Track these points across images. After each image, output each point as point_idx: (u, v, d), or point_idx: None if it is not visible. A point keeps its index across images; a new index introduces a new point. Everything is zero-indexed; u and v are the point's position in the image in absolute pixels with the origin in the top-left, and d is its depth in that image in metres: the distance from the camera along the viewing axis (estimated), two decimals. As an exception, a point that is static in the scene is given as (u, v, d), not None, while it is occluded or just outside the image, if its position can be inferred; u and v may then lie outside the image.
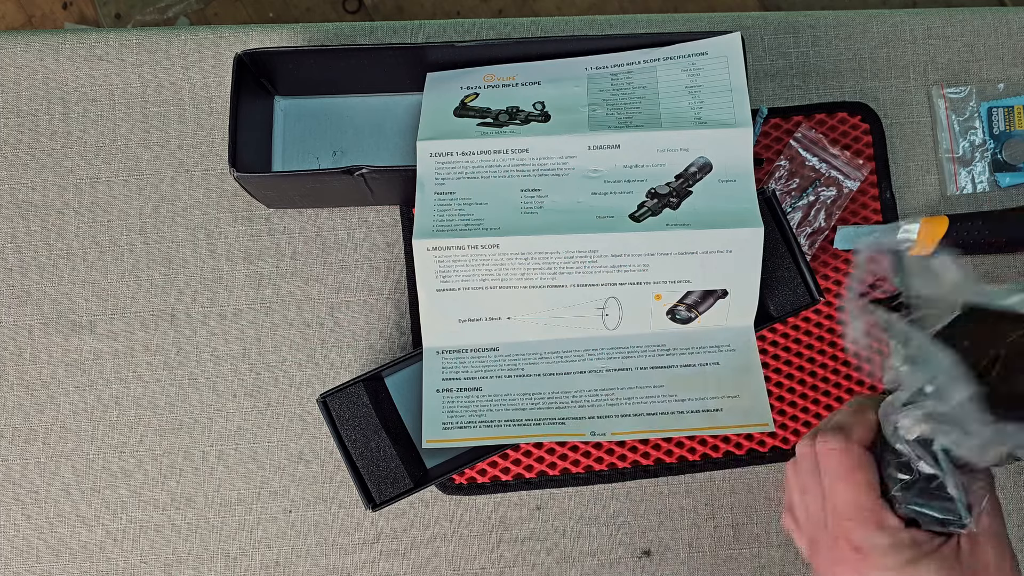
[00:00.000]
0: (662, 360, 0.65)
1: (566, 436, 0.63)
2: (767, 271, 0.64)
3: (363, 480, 0.64)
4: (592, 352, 0.65)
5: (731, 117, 0.64)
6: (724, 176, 0.64)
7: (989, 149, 0.72)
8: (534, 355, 0.65)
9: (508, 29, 0.74)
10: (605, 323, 0.65)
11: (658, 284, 0.63)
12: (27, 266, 0.72)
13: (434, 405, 0.64)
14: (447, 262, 0.63)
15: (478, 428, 0.63)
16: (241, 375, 0.71)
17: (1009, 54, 0.73)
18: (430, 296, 0.64)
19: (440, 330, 0.65)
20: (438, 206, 0.64)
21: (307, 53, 0.67)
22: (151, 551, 0.69)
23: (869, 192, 0.71)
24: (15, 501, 0.70)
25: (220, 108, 0.73)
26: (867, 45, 0.74)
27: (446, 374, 0.65)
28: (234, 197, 0.72)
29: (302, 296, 0.71)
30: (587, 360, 0.65)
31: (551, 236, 0.63)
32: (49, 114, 0.73)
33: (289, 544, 0.69)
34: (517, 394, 0.64)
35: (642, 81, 0.67)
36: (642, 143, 0.65)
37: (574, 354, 0.65)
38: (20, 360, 0.71)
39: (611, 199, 0.64)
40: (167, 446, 0.70)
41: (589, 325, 0.64)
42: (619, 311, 0.64)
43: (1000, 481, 0.69)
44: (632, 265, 0.63)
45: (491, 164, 0.65)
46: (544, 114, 0.66)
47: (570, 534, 0.69)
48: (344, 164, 0.65)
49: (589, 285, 0.63)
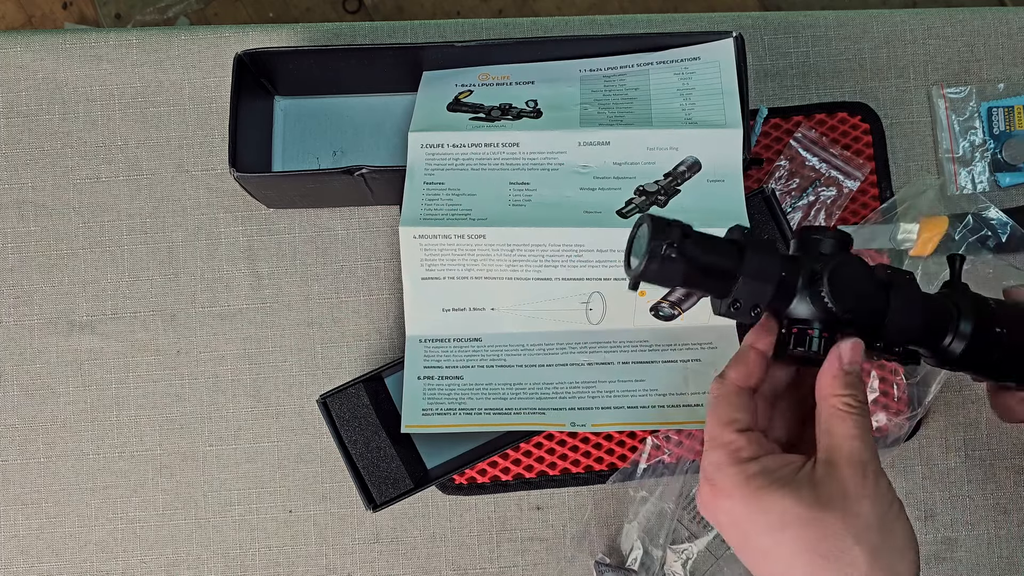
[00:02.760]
0: (644, 356, 0.65)
1: (546, 426, 0.63)
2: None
3: (363, 480, 0.64)
4: (575, 345, 0.65)
5: (722, 118, 0.64)
6: (713, 176, 0.64)
7: (989, 149, 0.72)
8: (517, 346, 0.65)
9: (508, 29, 0.74)
10: (589, 317, 0.65)
11: None
12: (27, 266, 0.72)
13: (414, 391, 0.64)
14: (433, 251, 0.64)
15: (458, 415, 0.64)
16: (241, 375, 0.71)
17: (1009, 54, 0.73)
18: (415, 284, 0.65)
19: (423, 318, 0.65)
20: (426, 195, 0.65)
21: (307, 53, 0.67)
22: (151, 551, 0.69)
23: (869, 192, 0.71)
24: (15, 501, 0.70)
25: (220, 108, 0.73)
26: (867, 45, 0.74)
27: (428, 362, 0.65)
28: (234, 197, 0.72)
29: (302, 296, 0.71)
30: (569, 353, 0.65)
31: (538, 229, 0.63)
32: (49, 114, 0.73)
33: (289, 544, 0.69)
34: (498, 384, 0.65)
35: (635, 83, 0.67)
36: (632, 141, 0.65)
37: (557, 347, 0.65)
38: (20, 360, 0.71)
39: (599, 195, 0.64)
40: (167, 446, 0.70)
41: (573, 319, 0.65)
42: (603, 306, 0.64)
43: (1000, 481, 0.69)
44: (617, 261, 0.63)
45: (481, 157, 0.66)
46: (536, 111, 0.67)
47: (570, 534, 0.69)
48: (344, 164, 0.65)
49: (574, 279, 0.64)
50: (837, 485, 0.43)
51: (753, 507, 0.44)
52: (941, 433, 0.70)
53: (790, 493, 0.43)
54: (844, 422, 0.45)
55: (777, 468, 0.44)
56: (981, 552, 0.69)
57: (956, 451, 0.69)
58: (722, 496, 0.45)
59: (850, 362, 0.46)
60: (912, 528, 0.44)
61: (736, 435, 0.45)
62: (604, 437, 0.69)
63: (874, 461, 0.44)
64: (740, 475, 0.44)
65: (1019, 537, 0.69)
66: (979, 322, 0.50)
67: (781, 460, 0.45)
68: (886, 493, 0.44)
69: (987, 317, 0.50)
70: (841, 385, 0.45)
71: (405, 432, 0.64)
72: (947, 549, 0.69)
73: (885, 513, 0.43)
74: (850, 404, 0.45)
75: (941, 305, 0.50)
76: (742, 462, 0.45)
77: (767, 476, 0.44)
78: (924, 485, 0.69)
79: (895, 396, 0.68)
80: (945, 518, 0.69)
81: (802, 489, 0.43)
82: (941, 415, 0.70)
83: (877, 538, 0.43)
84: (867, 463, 0.44)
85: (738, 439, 0.45)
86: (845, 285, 0.45)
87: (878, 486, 0.43)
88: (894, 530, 0.43)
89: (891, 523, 0.43)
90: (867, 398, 0.46)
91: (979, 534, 0.69)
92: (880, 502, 0.43)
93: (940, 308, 0.50)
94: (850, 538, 0.42)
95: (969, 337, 0.49)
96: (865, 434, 0.44)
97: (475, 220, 0.64)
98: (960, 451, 0.69)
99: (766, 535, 0.43)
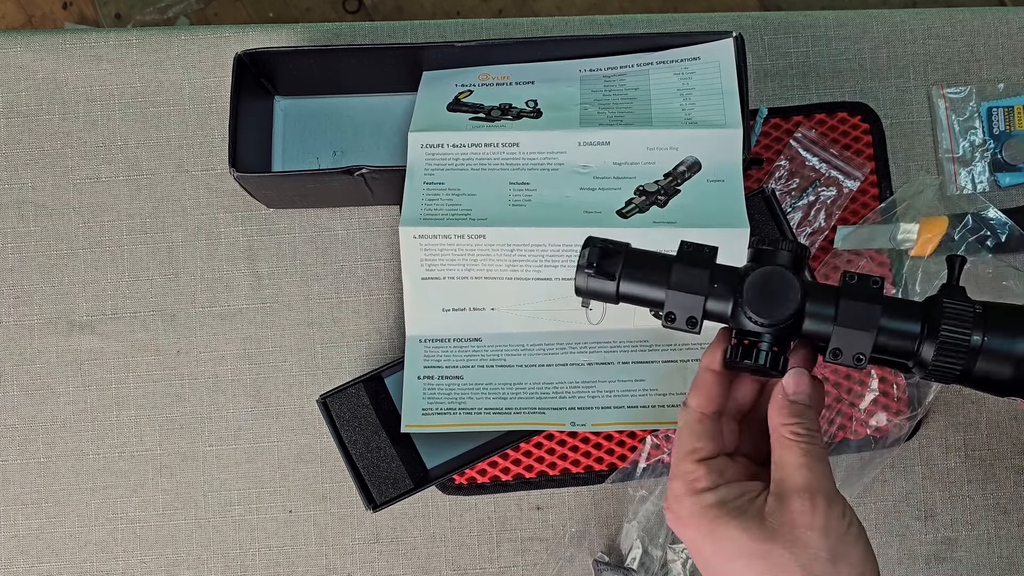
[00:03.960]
0: (644, 356, 0.65)
1: (546, 425, 0.64)
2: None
3: (363, 480, 0.64)
4: (575, 345, 0.65)
5: (722, 118, 0.64)
6: (713, 176, 0.64)
7: (989, 149, 0.72)
8: (517, 346, 0.65)
9: (508, 29, 0.74)
10: (589, 317, 0.65)
11: None
12: (27, 266, 0.72)
13: (414, 391, 0.65)
14: (433, 251, 0.64)
15: (458, 415, 0.64)
16: (241, 375, 0.71)
17: (1009, 54, 0.73)
18: (415, 284, 0.65)
19: (423, 318, 0.65)
20: (426, 195, 0.65)
21: (307, 53, 0.67)
22: (151, 551, 0.69)
23: (869, 192, 0.71)
24: (15, 501, 0.70)
25: (220, 108, 0.73)
26: (867, 45, 0.74)
27: (428, 362, 0.65)
28: (234, 197, 0.72)
29: (302, 296, 0.71)
30: (569, 353, 0.65)
31: (538, 228, 0.63)
32: (49, 114, 0.73)
33: (289, 544, 0.69)
34: (498, 383, 0.65)
35: (635, 83, 0.67)
36: (632, 141, 0.65)
37: (556, 347, 0.65)
38: (20, 360, 0.71)
39: (599, 195, 0.64)
40: (167, 446, 0.70)
41: (573, 319, 0.65)
42: (603, 306, 0.64)
43: (1000, 481, 0.69)
44: None
45: (481, 157, 0.66)
46: (536, 111, 0.67)
47: (569, 533, 0.69)
48: (344, 164, 0.65)
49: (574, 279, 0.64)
50: (786, 516, 0.43)
51: (708, 537, 0.44)
52: (941, 433, 0.70)
53: (740, 525, 0.44)
54: (790, 451, 0.45)
55: (733, 499, 0.45)
56: (981, 552, 0.69)
57: (956, 451, 0.69)
58: (681, 524, 0.46)
59: (795, 392, 0.46)
60: (871, 552, 0.44)
61: (695, 465, 0.46)
62: (604, 437, 0.69)
63: (824, 489, 0.44)
64: (696, 505, 0.45)
65: (1019, 537, 0.69)
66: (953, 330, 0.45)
67: (739, 490, 0.45)
68: (837, 522, 0.43)
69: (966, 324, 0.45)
70: (787, 415, 0.45)
71: (405, 432, 0.64)
72: (947, 549, 0.69)
73: (836, 543, 0.43)
74: (796, 432, 0.45)
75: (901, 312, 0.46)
76: (697, 492, 0.45)
77: (722, 507, 0.44)
78: (924, 485, 0.69)
79: (895, 396, 0.68)
80: (945, 518, 0.69)
81: (752, 520, 0.44)
82: (941, 415, 0.70)
83: (827, 569, 0.43)
84: (815, 492, 0.43)
85: (696, 470, 0.46)
86: (758, 295, 0.45)
87: (828, 515, 0.43)
88: (848, 558, 0.43)
89: (844, 551, 0.43)
90: (817, 426, 0.46)
91: (979, 534, 0.69)
92: (830, 532, 0.43)
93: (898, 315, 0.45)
94: (798, 569, 0.43)
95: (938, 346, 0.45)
96: (813, 462, 0.44)
97: (475, 220, 0.64)
98: (960, 451, 0.69)
99: (722, 565, 0.44)
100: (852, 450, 0.68)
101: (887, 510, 0.69)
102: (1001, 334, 0.45)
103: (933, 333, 0.45)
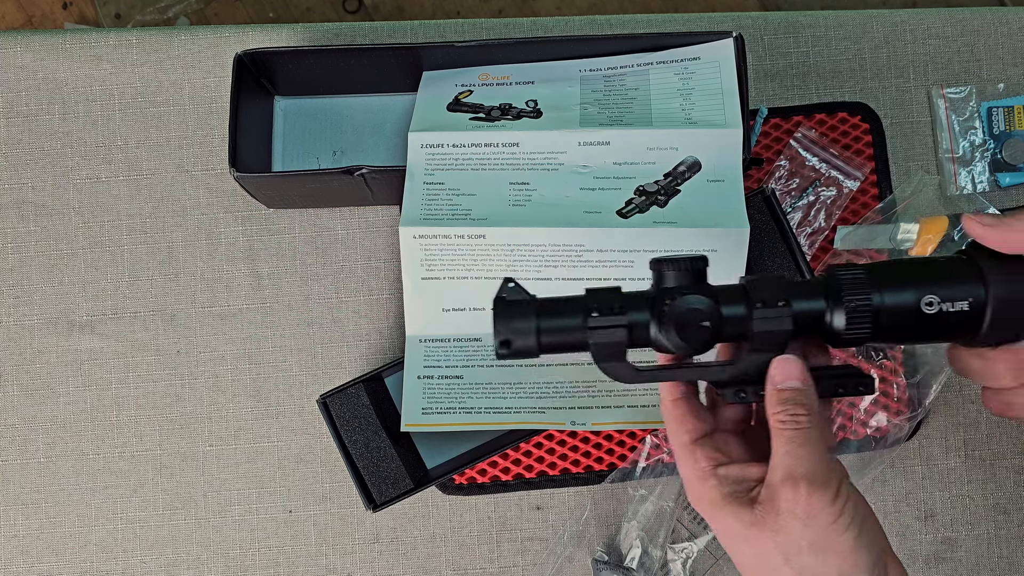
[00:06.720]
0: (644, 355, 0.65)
1: (546, 425, 0.64)
2: (767, 271, 0.64)
3: (363, 480, 0.64)
4: None
5: (722, 118, 0.64)
6: (713, 176, 0.64)
7: (989, 149, 0.72)
8: None
9: (508, 29, 0.74)
10: None
11: (643, 280, 0.63)
12: (27, 266, 0.72)
13: (414, 391, 0.65)
14: (433, 251, 0.64)
15: (457, 414, 0.64)
16: (241, 375, 0.71)
17: (1009, 54, 0.73)
18: (415, 284, 0.65)
19: (423, 319, 0.65)
20: (426, 195, 0.65)
21: (307, 53, 0.67)
22: (151, 551, 0.69)
23: (869, 192, 0.71)
24: (15, 501, 0.70)
25: (220, 108, 0.73)
26: (867, 45, 0.74)
27: (428, 362, 0.65)
28: (234, 197, 0.72)
29: (302, 296, 0.71)
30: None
31: (538, 229, 0.63)
32: (49, 114, 0.73)
33: (289, 544, 0.69)
34: (498, 383, 0.65)
35: (635, 83, 0.67)
36: (632, 141, 0.65)
37: None
38: (20, 360, 0.71)
39: (599, 195, 0.64)
40: (167, 446, 0.70)
41: None
42: None
43: (1000, 481, 0.69)
44: (618, 260, 0.63)
45: (481, 157, 0.66)
46: (536, 111, 0.67)
47: (568, 533, 0.69)
48: (344, 164, 0.65)
49: (574, 279, 0.64)
50: (772, 504, 0.43)
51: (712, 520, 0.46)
52: (941, 433, 0.70)
53: (733, 511, 0.44)
54: (777, 439, 0.44)
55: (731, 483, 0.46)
56: (981, 552, 0.69)
57: (956, 451, 0.69)
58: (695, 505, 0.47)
59: (782, 380, 0.46)
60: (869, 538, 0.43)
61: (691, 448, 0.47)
62: (604, 437, 0.69)
63: (807, 474, 0.43)
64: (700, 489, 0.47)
65: (1019, 537, 0.69)
66: (853, 295, 0.46)
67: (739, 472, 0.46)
68: (823, 509, 0.42)
69: (862, 286, 0.46)
70: (773, 403, 0.45)
71: (405, 430, 0.64)
72: (947, 549, 0.69)
73: (820, 532, 0.42)
74: (782, 420, 0.44)
75: (808, 292, 0.47)
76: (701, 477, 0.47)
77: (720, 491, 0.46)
78: (924, 485, 0.69)
79: (895, 396, 0.68)
80: (945, 518, 0.69)
81: (744, 507, 0.44)
82: (941, 415, 0.70)
83: (808, 559, 0.42)
84: (798, 477, 0.43)
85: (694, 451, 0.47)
86: (674, 333, 0.46)
87: (810, 502, 0.42)
88: (835, 547, 0.42)
89: (830, 541, 0.42)
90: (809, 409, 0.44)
91: (979, 534, 0.69)
92: (813, 521, 0.42)
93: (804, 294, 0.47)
94: (779, 557, 0.43)
95: (847, 313, 0.45)
96: (797, 448, 0.43)
97: (475, 220, 0.64)
98: (960, 451, 0.69)
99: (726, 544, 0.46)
100: (852, 450, 0.68)
101: (887, 510, 0.69)
102: (892, 287, 0.46)
103: (838, 303, 0.46)
